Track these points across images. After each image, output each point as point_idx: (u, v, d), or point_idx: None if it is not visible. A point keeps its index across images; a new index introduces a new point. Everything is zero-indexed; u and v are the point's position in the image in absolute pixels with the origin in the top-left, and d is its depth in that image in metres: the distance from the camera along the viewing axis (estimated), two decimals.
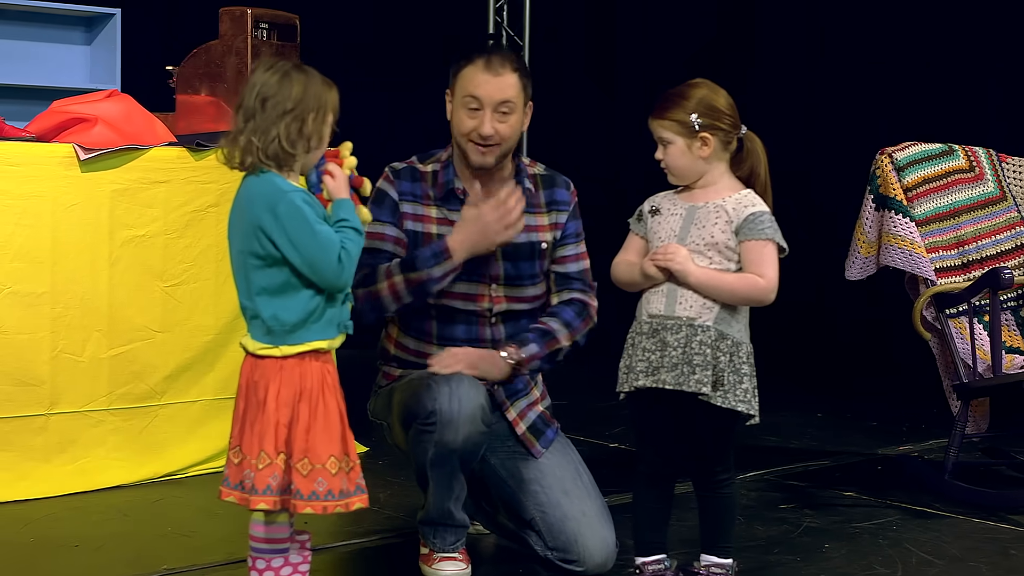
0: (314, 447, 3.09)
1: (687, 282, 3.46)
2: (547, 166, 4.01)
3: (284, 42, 5.29)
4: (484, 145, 3.75)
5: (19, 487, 4.58)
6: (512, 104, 3.74)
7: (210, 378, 5.00)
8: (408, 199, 3.83)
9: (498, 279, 3.84)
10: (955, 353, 4.86)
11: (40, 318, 4.60)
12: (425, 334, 3.85)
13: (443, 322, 3.83)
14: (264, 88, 3.12)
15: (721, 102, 3.52)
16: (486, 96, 3.72)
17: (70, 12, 5.72)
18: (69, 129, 4.76)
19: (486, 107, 3.73)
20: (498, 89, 3.72)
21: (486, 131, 3.72)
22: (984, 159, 5.26)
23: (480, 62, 3.74)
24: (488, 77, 3.72)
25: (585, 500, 3.85)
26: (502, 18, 7.74)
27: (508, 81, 3.73)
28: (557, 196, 3.94)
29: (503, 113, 3.73)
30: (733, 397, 3.43)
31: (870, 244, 4.99)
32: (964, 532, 4.42)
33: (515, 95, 3.74)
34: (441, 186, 3.84)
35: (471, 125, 3.75)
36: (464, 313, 3.83)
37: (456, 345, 3.80)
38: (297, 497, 3.08)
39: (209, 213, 4.93)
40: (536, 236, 3.88)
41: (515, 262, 3.86)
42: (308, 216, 3.07)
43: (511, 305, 3.86)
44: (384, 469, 4.73)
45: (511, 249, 3.83)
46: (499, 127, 3.73)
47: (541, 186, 3.93)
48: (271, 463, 3.09)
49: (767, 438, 5.68)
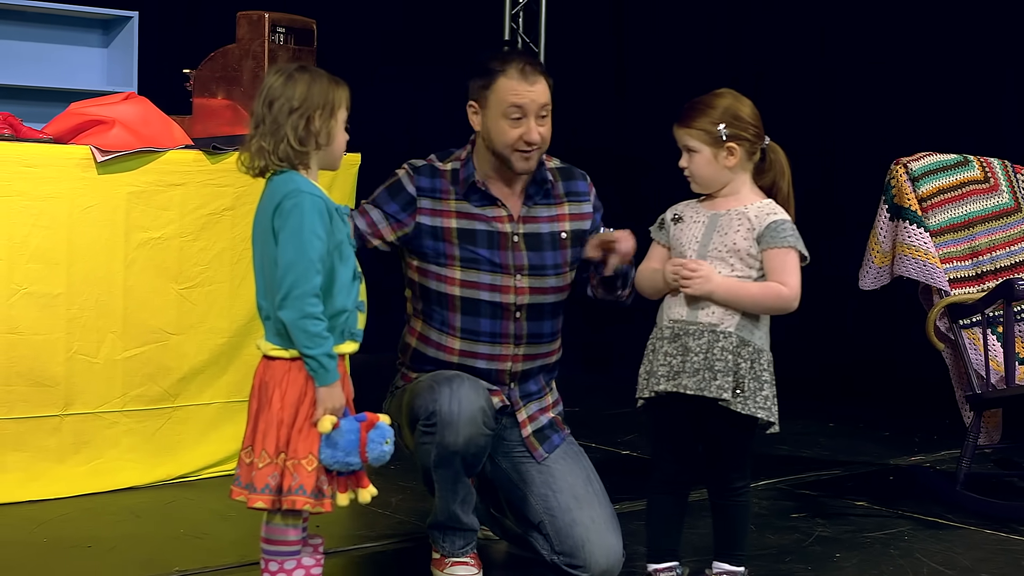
0: (298, 444, 3.11)
1: (712, 298, 3.47)
2: (561, 160, 4.07)
3: (301, 46, 5.30)
4: (528, 151, 3.81)
5: (33, 487, 4.59)
6: (549, 107, 3.84)
7: (224, 380, 5.01)
8: (427, 195, 3.87)
9: (523, 269, 3.88)
10: (968, 364, 4.86)
11: (55, 319, 4.61)
12: (448, 327, 3.88)
13: (468, 314, 3.86)
14: (270, 91, 3.17)
15: (746, 111, 3.54)
16: (529, 104, 3.79)
17: (88, 15, 5.74)
18: (86, 131, 4.77)
19: (529, 115, 3.79)
20: (538, 96, 3.80)
21: (534, 138, 3.80)
22: (999, 170, 5.25)
23: (514, 72, 3.80)
24: (527, 86, 3.79)
25: (595, 506, 3.86)
26: (518, 25, 7.76)
27: (543, 88, 3.82)
28: (575, 187, 4.02)
29: (542, 117, 3.82)
30: (753, 404, 3.44)
31: (884, 254, 4.99)
32: (976, 543, 4.41)
33: (549, 101, 3.84)
34: (463, 182, 3.88)
35: (516, 134, 3.80)
36: (490, 306, 3.85)
37: (478, 339, 3.86)
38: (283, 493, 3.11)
39: (225, 216, 4.95)
40: (556, 226, 3.94)
41: (538, 251, 3.90)
42: (306, 222, 3.08)
43: (534, 298, 3.89)
44: (396, 473, 4.74)
45: (533, 239, 3.88)
46: (542, 131, 3.83)
47: (559, 178, 4.01)
48: (271, 462, 3.12)
49: (779, 447, 5.68)
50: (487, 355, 3.86)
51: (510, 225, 3.88)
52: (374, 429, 3.13)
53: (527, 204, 3.91)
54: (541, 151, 3.85)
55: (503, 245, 3.86)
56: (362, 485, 3.20)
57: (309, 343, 3.08)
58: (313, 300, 3.08)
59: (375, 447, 3.12)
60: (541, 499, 3.86)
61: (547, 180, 3.94)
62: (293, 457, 3.11)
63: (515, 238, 3.88)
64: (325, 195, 3.16)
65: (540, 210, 3.93)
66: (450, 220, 3.85)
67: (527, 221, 3.90)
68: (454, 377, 3.71)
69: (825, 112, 7.68)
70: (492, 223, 3.86)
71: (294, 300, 3.07)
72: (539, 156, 3.86)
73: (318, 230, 3.09)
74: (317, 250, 3.09)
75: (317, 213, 3.10)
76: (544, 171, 3.95)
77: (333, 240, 3.13)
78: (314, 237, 3.08)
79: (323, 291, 3.11)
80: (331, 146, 3.21)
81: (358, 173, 5.29)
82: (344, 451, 3.10)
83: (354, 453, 3.11)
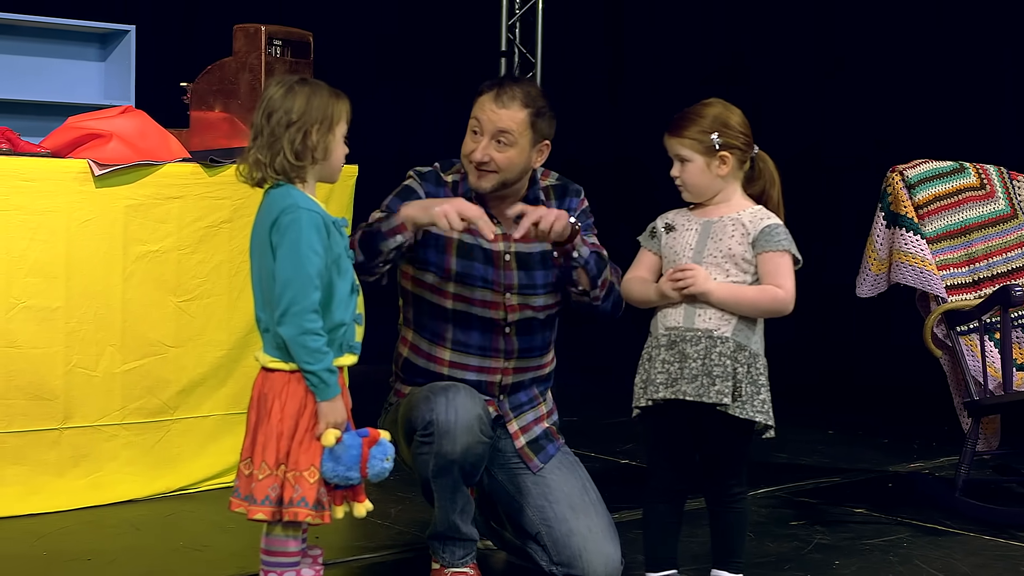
0: (299, 456, 3.11)
1: (708, 301, 3.48)
2: (560, 175, 4.05)
3: (298, 59, 5.31)
4: (479, 170, 3.80)
5: (32, 501, 4.59)
6: (510, 136, 3.77)
7: (223, 393, 5.01)
8: None
9: (512, 288, 3.87)
10: (966, 370, 4.86)
11: (54, 332, 4.62)
12: (439, 337, 3.88)
13: (459, 327, 3.87)
14: (269, 103, 3.17)
15: (736, 120, 3.55)
16: (485, 122, 3.78)
17: (85, 29, 5.75)
18: (84, 145, 4.78)
19: (485, 133, 3.78)
20: (499, 119, 3.76)
21: (477, 156, 3.78)
22: (995, 177, 5.26)
23: (493, 91, 3.80)
24: (494, 106, 3.77)
25: (592, 516, 3.87)
26: (514, 35, 7.78)
27: (511, 114, 3.76)
28: (567, 205, 3.99)
29: (499, 143, 3.77)
30: (751, 408, 3.45)
31: (881, 261, 5.00)
32: (975, 549, 4.42)
33: (516, 129, 3.76)
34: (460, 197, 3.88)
35: (468, 148, 3.82)
36: (481, 320, 3.86)
37: (468, 351, 3.86)
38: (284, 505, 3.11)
39: (222, 229, 4.95)
40: (547, 244, 3.91)
41: (528, 270, 3.90)
42: (303, 237, 3.08)
43: (524, 315, 3.89)
44: (395, 485, 4.73)
45: (524, 257, 3.89)
46: (495, 155, 3.78)
47: (553, 197, 3.98)
48: (271, 474, 3.12)
49: (778, 455, 5.68)
50: (477, 367, 3.87)
51: (503, 244, 3.87)
52: (376, 445, 3.14)
53: (518, 222, 3.89)
54: (499, 177, 3.80)
55: (495, 263, 3.86)
56: (358, 499, 3.21)
57: (309, 359, 3.09)
58: (312, 316, 3.08)
59: (376, 463, 3.13)
60: (538, 510, 3.87)
61: (539, 199, 3.91)
62: (294, 469, 3.11)
63: (507, 257, 3.88)
64: (322, 209, 3.17)
65: None
66: (452, 232, 3.85)
67: (519, 240, 3.88)
68: (449, 387, 3.72)
69: (821, 120, 7.70)
70: (486, 240, 3.85)
71: (293, 316, 3.07)
72: (495, 181, 3.80)
73: (316, 246, 3.10)
74: (315, 266, 3.09)
75: (314, 228, 3.10)
76: (537, 190, 3.93)
77: (331, 254, 3.14)
78: (312, 253, 3.09)
79: (321, 305, 3.12)
80: (328, 160, 3.21)
81: (355, 185, 5.30)
82: (346, 466, 3.11)
83: (355, 468, 3.12)
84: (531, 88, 3.87)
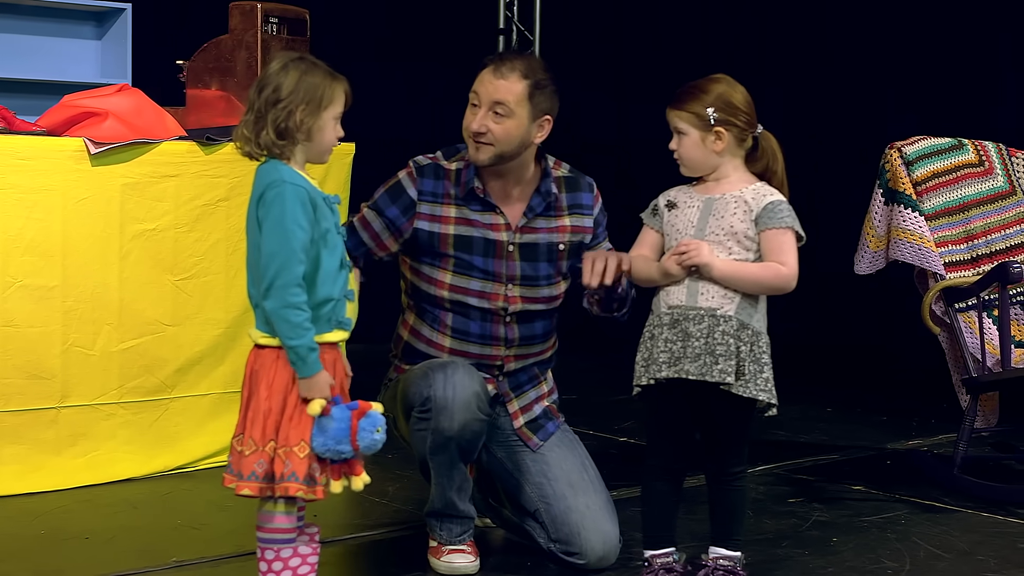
0: (289, 432, 3.11)
1: (711, 275, 3.47)
2: (572, 167, 4.03)
3: (294, 36, 5.29)
4: (476, 141, 3.78)
5: (30, 480, 4.59)
6: (507, 107, 3.75)
7: (220, 371, 5.01)
8: (428, 199, 3.84)
9: (515, 279, 3.86)
10: (964, 347, 4.86)
11: (51, 312, 4.61)
12: (440, 324, 3.88)
13: (458, 315, 3.86)
14: (264, 79, 3.18)
15: (738, 98, 3.54)
16: (483, 93, 3.77)
17: (81, 7, 5.73)
18: (80, 123, 4.77)
19: (482, 104, 3.77)
20: (495, 89, 3.75)
21: (474, 126, 3.77)
22: (994, 153, 5.25)
23: (493, 64, 3.79)
24: (492, 77, 3.77)
25: (590, 493, 3.87)
26: (512, 13, 7.75)
27: (509, 85, 3.75)
28: (578, 199, 3.97)
29: (497, 114, 3.76)
30: (754, 386, 3.44)
31: (879, 238, 4.99)
32: (972, 526, 4.42)
33: (512, 100, 3.75)
34: (463, 185, 3.85)
35: (468, 120, 3.80)
36: (479, 310, 3.85)
37: (468, 339, 3.85)
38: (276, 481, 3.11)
39: (219, 207, 4.94)
40: (555, 237, 3.91)
41: (533, 262, 3.88)
42: (287, 211, 3.07)
43: (526, 306, 3.89)
44: (393, 463, 4.74)
45: (529, 249, 3.86)
46: (491, 126, 3.76)
47: (564, 189, 3.96)
48: (258, 450, 3.12)
49: (776, 432, 5.68)
50: (478, 355, 3.87)
51: (506, 234, 3.86)
52: (365, 418, 3.13)
53: (527, 215, 3.88)
54: (495, 149, 3.78)
55: (498, 254, 3.85)
56: (355, 472, 3.20)
57: (290, 333, 3.08)
58: (295, 290, 3.07)
59: (366, 435, 3.12)
60: (536, 487, 3.87)
61: (551, 192, 3.90)
62: (285, 444, 3.11)
63: (510, 247, 3.86)
64: (309, 184, 3.15)
65: (540, 222, 3.90)
66: (448, 226, 3.84)
67: (525, 232, 3.87)
68: (448, 363, 3.71)
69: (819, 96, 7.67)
70: (488, 231, 3.84)
71: (277, 290, 3.07)
72: (491, 153, 3.78)
73: (300, 220, 3.08)
74: (299, 240, 3.08)
75: (299, 203, 3.09)
76: (549, 182, 3.91)
77: (318, 229, 3.12)
78: (296, 227, 3.08)
79: (307, 280, 3.11)
80: (313, 141, 3.18)
81: (353, 162, 5.28)
82: (335, 439, 3.10)
83: (344, 441, 3.11)
84: (532, 61, 3.86)
